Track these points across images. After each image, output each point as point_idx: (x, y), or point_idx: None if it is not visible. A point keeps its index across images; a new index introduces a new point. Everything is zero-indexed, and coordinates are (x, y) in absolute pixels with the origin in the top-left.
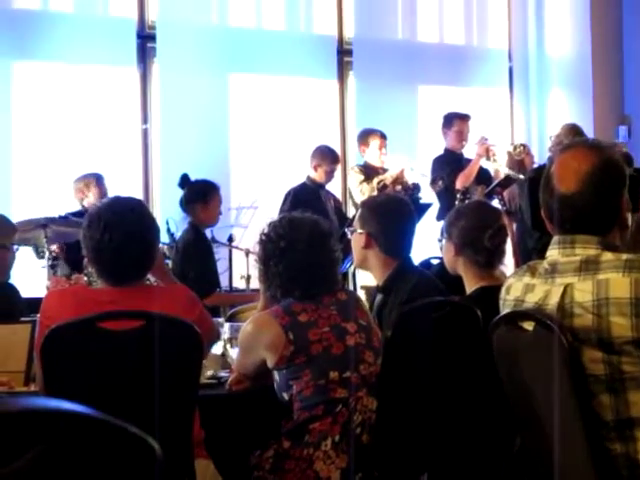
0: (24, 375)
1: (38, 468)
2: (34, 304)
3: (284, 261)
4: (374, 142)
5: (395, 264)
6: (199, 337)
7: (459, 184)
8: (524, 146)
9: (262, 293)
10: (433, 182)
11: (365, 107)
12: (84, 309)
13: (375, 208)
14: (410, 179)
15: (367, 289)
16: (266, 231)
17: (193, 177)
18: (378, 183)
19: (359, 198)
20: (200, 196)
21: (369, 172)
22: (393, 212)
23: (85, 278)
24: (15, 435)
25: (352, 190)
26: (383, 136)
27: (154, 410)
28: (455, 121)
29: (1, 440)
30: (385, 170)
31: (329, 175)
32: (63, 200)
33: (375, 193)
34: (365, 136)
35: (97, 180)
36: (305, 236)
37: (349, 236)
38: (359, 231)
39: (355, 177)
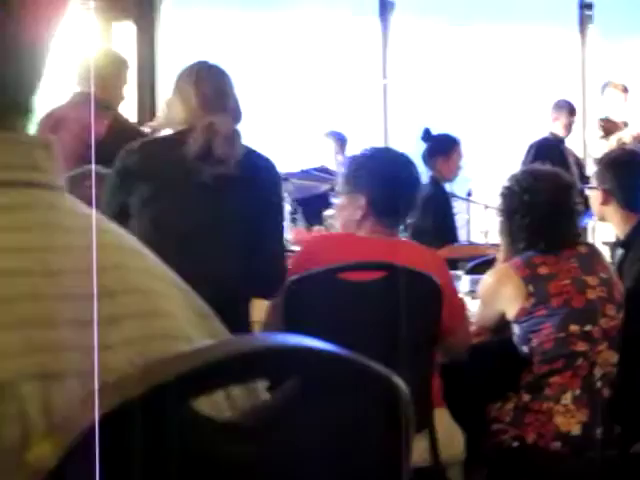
0: None
1: (288, 404)
2: None
3: (528, 213)
4: (615, 95)
5: (635, 218)
6: (439, 289)
7: None
8: None
9: (503, 246)
10: None
11: (606, 59)
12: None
13: (610, 164)
14: None
15: (609, 245)
16: (509, 184)
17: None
18: (618, 141)
19: (595, 153)
20: (442, 149)
21: (609, 126)
22: (628, 166)
23: (325, 230)
24: (265, 372)
25: (589, 143)
26: (625, 89)
27: (394, 361)
28: None
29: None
30: (626, 124)
31: (567, 128)
32: (303, 154)
33: None
34: (605, 88)
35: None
36: (548, 188)
37: (586, 192)
38: (596, 188)
39: (595, 132)
